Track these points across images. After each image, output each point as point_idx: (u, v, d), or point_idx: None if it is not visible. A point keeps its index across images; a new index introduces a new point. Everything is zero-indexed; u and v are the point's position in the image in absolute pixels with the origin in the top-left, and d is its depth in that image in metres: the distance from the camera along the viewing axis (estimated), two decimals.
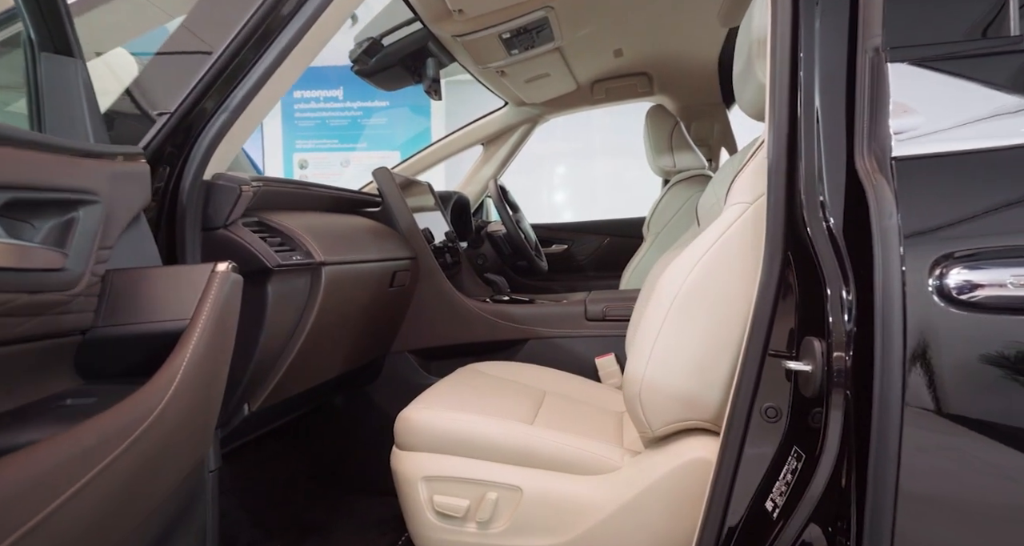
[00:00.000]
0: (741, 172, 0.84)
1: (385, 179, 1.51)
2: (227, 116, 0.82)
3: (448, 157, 2.26)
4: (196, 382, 0.58)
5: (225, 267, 0.63)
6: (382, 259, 1.29)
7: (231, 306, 0.64)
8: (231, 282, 0.64)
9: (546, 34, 1.54)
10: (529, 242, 1.94)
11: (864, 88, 0.62)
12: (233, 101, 0.82)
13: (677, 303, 0.84)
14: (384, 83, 1.60)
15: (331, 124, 4.87)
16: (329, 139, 4.89)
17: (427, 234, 1.56)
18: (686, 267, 0.84)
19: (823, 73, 0.66)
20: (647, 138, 1.79)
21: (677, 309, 0.84)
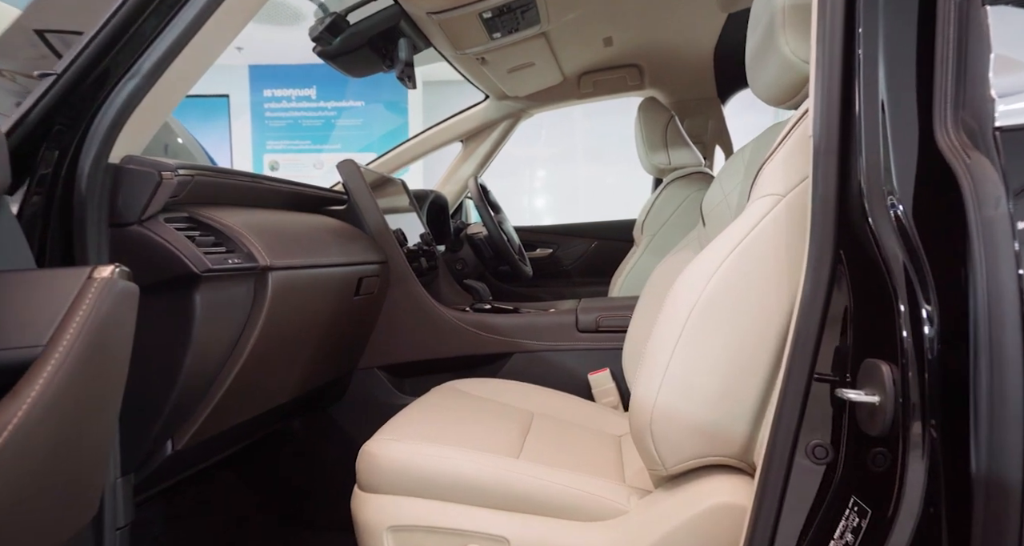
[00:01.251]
0: (770, 160, 0.71)
1: (351, 174, 1.35)
2: (138, 82, 0.65)
3: (425, 154, 2.10)
4: (54, 432, 0.41)
5: (109, 273, 0.46)
6: (346, 263, 1.12)
7: (118, 325, 0.47)
8: (118, 293, 0.47)
9: (532, 16, 1.39)
10: (512, 245, 1.79)
11: (948, 41, 0.49)
12: (145, 63, 0.65)
13: (696, 315, 0.69)
14: (351, 67, 1.43)
15: (304, 124, 4.67)
16: (301, 140, 4.68)
17: (399, 236, 1.39)
18: (705, 271, 0.70)
19: (889, 25, 0.53)
20: (639, 133, 1.66)
21: (696, 322, 0.69)
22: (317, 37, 1.26)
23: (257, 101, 4.56)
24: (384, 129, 4.57)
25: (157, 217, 0.74)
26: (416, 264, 1.45)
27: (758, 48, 0.84)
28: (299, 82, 4.54)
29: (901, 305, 0.50)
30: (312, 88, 4.54)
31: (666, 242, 1.52)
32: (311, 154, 4.72)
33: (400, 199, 1.60)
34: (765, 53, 0.80)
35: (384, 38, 1.34)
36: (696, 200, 1.50)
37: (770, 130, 0.96)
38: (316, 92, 4.56)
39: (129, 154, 0.71)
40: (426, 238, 1.61)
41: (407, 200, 1.65)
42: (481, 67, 1.67)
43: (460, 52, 1.53)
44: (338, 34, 1.29)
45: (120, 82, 0.65)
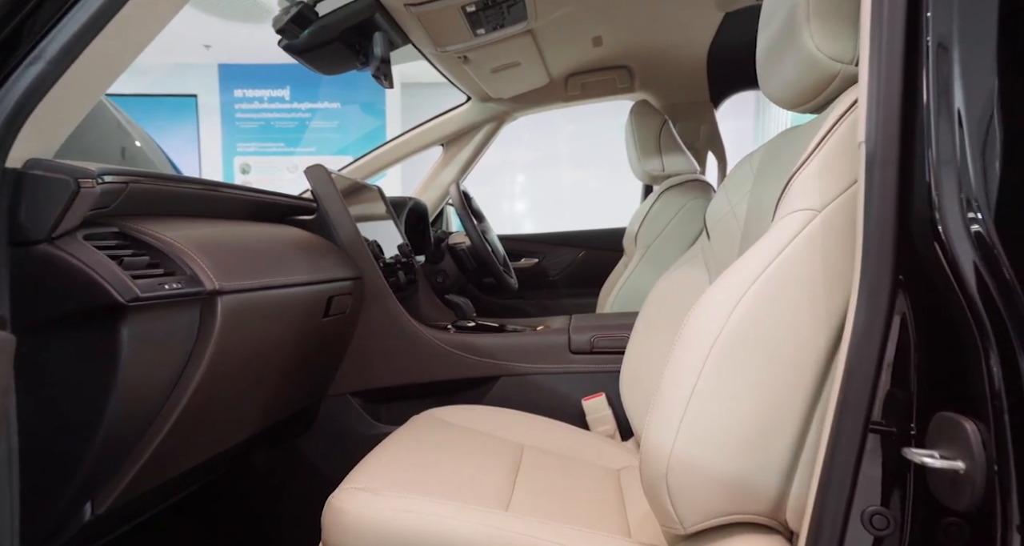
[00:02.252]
0: (803, 170, 0.61)
1: (321, 180, 1.22)
2: (42, 68, 0.53)
3: (403, 159, 1.98)
4: None
5: None
6: (314, 281, 1.00)
7: None
8: None
9: (518, 11, 1.29)
10: (497, 256, 1.68)
11: None
12: (51, 45, 0.53)
13: (718, 349, 0.59)
14: (321, 64, 1.31)
15: (276, 126, 4.49)
16: (274, 142, 4.50)
17: (375, 248, 1.27)
18: (728, 298, 0.60)
19: (967, 4, 0.44)
20: (631, 138, 1.57)
21: (718, 358, 0.59)
22: (282, 29, 1.13)
23: (227, 101, 4.38)
24: (361, 132, 4.42)
25: (74, 234, 0.61)
26: (393, 279, 1.33)
27: (773, 45, 0.75)
28: (271, 82, 4.37)
29: (989, 348, 0.41)
30: (285, 88, 4.38)
31: (662, 254, 1.43)
32: (284, 157, 4.54)
33: (376, 207, 1.48)
34: (783, 50, 0.71)
35: (358, 32, 1.22)
36: (693, 209, 1.41)
37: (784, 136, 0.87)
38: (289, 93, 4.39)
39: (35, 157, 0.58)
40: (404, 249, 1.49)
41: (383, 208, 1.53)
42: (463, 66, 1.57)
43: (441, 49, 1.42)
44: (305, 26, 1.17)
45: (18, 68, 0.52)
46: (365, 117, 4.44)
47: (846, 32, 0.64)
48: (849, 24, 0.64)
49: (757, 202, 0.87)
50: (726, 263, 0.95)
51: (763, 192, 0.83)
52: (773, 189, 0.79)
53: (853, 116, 0.58)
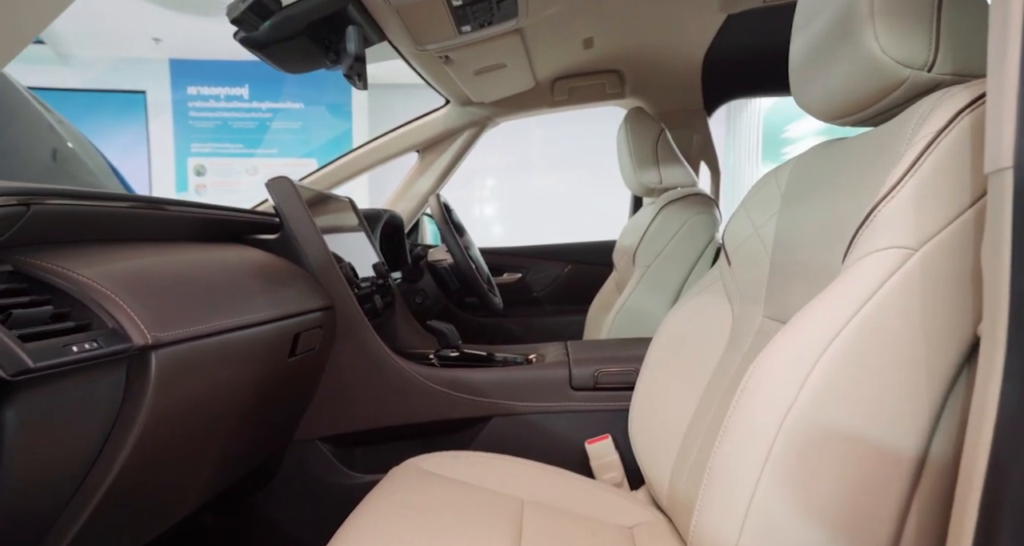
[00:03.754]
0: (891, 199, 0.50)
1: (285, 193, 1.06)
2: None
3: (374, 166, 1.82)
4: None
5: None
6: (277, 318, 0.84)
7: None
8: None
9: (509, 7, 1.16)
10: (481, 274, 1.55)
11: None
12: None
13: (791, 427, 0.48)
14: (284, 61, 1.15)
15: (234, 126, 4.22)
16: (232, 143, 4.23)
17: (349, 271, 1.12)
18: (800, 360, 0.48)
19: None
20: (626, 147, 1.47)
21: (791, 438, 0.48)
22: (238, 18, 0.97)
23: (180, 99, 4.09)
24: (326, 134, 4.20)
25: None
26: (369, 305, 1.18)
27: (818, 46, 0.64)
28: (228, 79, 4.10)
29: None
30: (244, 87, 4.12)
31: (663, 274, 1.32)
32: (244, 158, 4.28)
33: (348, 222, 1.33)
34: (831, 52, 0.61)
35: (328, 26, 1.07)
36: (696, 225, 1.31)
37: (821, 151, 0.76)
38: (248, 91, 4.14)
39: None
40: (381, 270, 1.34)
41: (356, 223, 1.37)
42: (444, 67, 1.43)
43: (420, 48, 1.28)
44: (266, 17, 1.01)
45: None
46: (331, 119, 4.22)
47: (920, 31, 0.54)
48: (923, 22, 0.54)
49: (792, 226, 0.76)
50: (753, 293, 0.84)
51: (803, 217, 0.73)
52: (820, 215, 0.68)
53: (955, 137, 0.48)
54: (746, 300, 0.85)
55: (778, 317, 0.74)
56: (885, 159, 0.57)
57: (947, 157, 0.47)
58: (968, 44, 0.54)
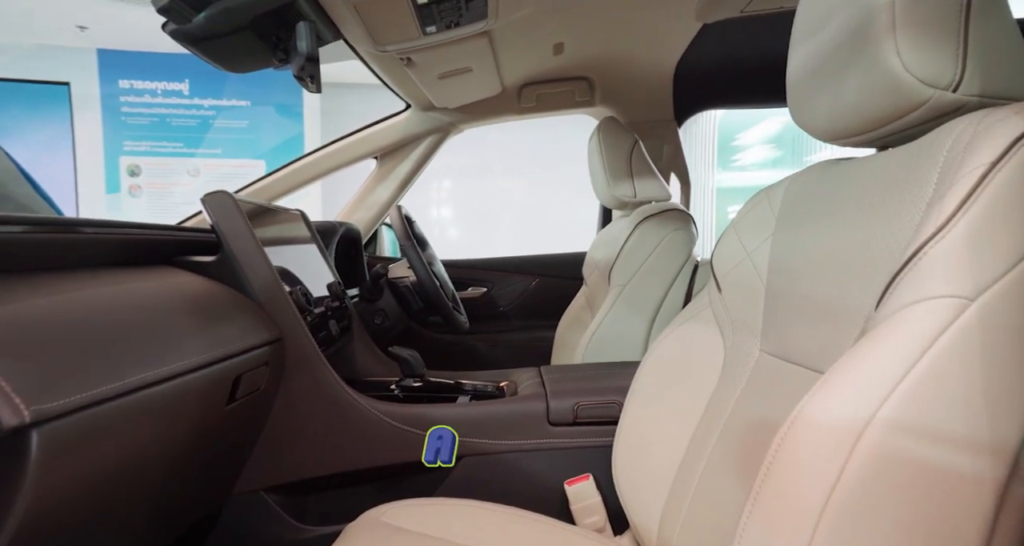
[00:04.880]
0: (938, 240, 0.44)
1: (224, 209, 0.93)
2: None
3: (329, 173, 1.69)
4: None
5: None
6: (213, 361, 0.72)
7: None
8: None
9: (479, 7, 1.07)
10: (446, 291, 1.45)
11: None
12: None
13: (838, 505, 0.41)
14: (224, 58, 1.01)
15: (173, 123, 3.93)
16: (171, 141, 3.93)
17: (300, 297, 1.00)
18: (847, 423, 0.42)
19: None
20: (599, 158, 1.40)
21: (839, 517, 0.41)
22: (166, 7, 0.83)
23: (110, 93, 3.76)
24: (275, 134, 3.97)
25: None
26: (324, 333, 1.06)
27: (825, 60, 0.59)
28: (166, 73, 3.80)
29: None
30: (184, 82, 3.83)
31: (640, 293, 1.26)
32: (184, 158, 3.99)
33: (299, 239, 1.20)
34: (842, 68, 0.55)
35: (276, 21, 0.94)
36: (673, 242, 1.26)
37: (821, 172, 0.71)
38: (189, 87, 3.85)
39: None
40: (337, 291, 1.22)
41: (309, 239, 1.24)
42: (405, 69, 1.32)
43: (380, 49, 1.17)
44: (202, 7, 0.87)
45: None
46: (280, 119, 3.98)
47: (946, 47, 0.48)
48: (949, 37, 0.48)
49: (790, 252, 0.71)
50: (747, 324, 0.78)
51: (803, 243, 0.67)
52: (826, 242, 0.62)
53: (1012, 170, 0.42)
54: (739, 330, 0.80)
55: (781, 354, 0.68)
56: (913, 188, 0.51)
57: (1004, 193, 0.41)
58: (997, 63, 0.49)
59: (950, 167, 0.47)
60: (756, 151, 4.48)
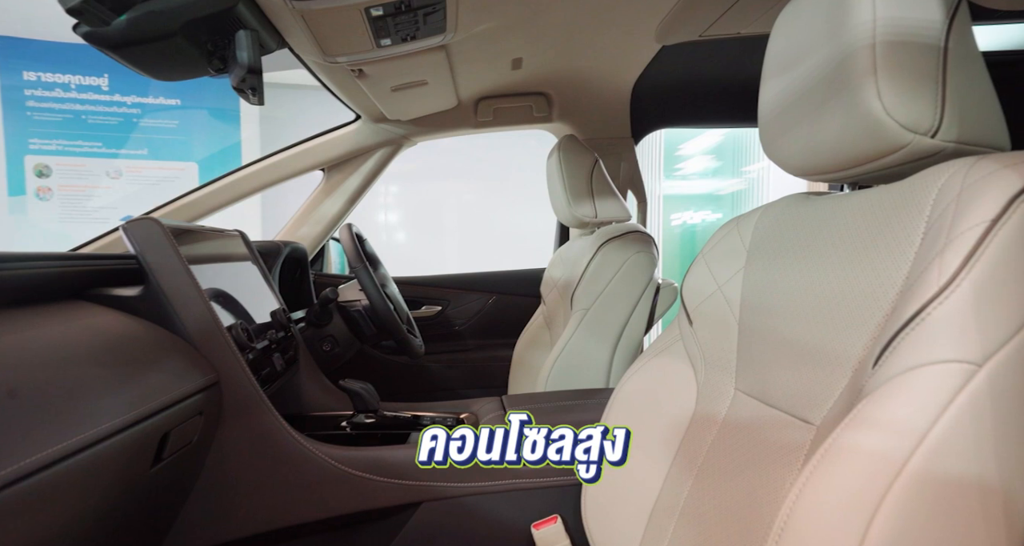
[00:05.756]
0: (942, 301, 0.42)
1: (149, 238, 0.82)
2: None
3: (272, 185, 1.57)
4: None
5: None
6: (133, 422, 0.62)
7: None
8: None
9: (437, 22, 1.01)
10: (400, 315, 1.37)
11: None
12: None
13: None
14: (149, 65, 0.90)
15: (90, 121, 3.59)
16: (88, 141, 3.59)
17: (241, 332, 0.90)
18: (855, 502, 0.40)
19: None
20: (559, 177, 1.37)
21: None
22: (77, 8, 0.72)
23: (12, 85, 3.38)
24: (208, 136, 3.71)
25: None
26: (268, 369, 0.97)
27: (798, 97, 0.58)
28: (81, 66, 3.47)
29: None
30: (103, 77, 3.50)
31: (603, 317, 1.24)
32: (104, 159, 3.65)
33: (239, 264, 1.09)
34: (819, 106, 0.55)
35: (211, 27, 0.85)
36: (635, 265, 1.25)
37: (788, 205, 0.70)
38: (108, 82, 3.53)
39: None
40: (281, 320, 1.12)
41: (250, 264, 1.13)
42: (356, 81, 1.24)
43: (330, 59, 1.08)
44: (122, 10, 0.77)
45: None
46: (213, 121, 3.72)
47: (926, 93, 0.48)
48: (928, 83, 0.48)
49: (763, 288, 0.69)
50: (720, 360, 0.76)
51: (777, 279, 0.66)
52: (802, 281, 0.61)
53: (1014, 227, 0.40)
54: (712, 366, 0.78)
55: (759, 395, 0.67)
56: (898, 236, 0.50)
57: (1007, 253, 0.40)
58: (972, 110, 0.50)
59: (941, 220, 0.46)
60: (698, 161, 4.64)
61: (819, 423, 0.55)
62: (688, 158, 4.60)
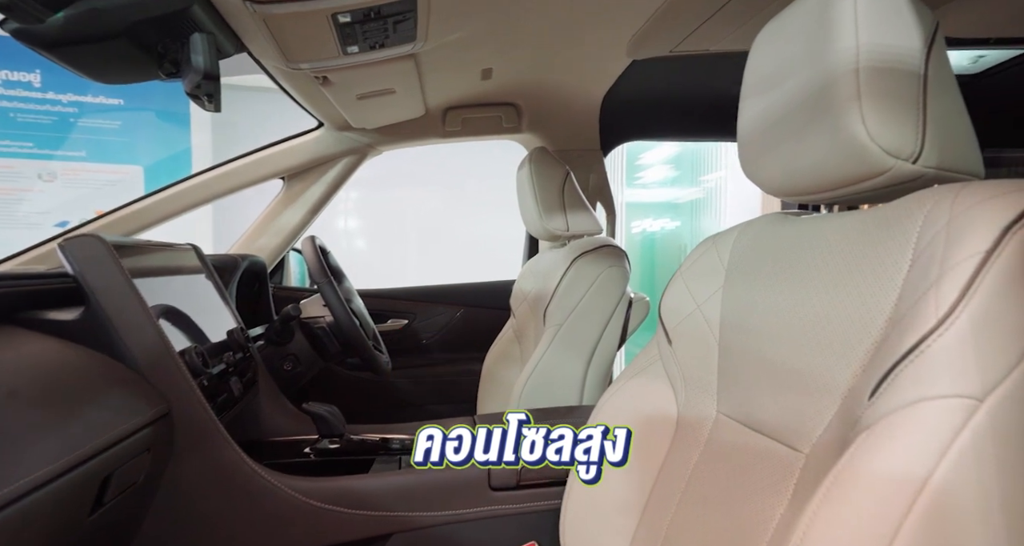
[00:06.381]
0: (940, 335, 0.42)
1: (88, 253, 0.75)
2: None
3: (227, 194, 1.49)
4: None
5: None
6: (68, 469, 0.55)
7: None
8: None
9: (407, 30, 0.98)
10: (366, 331, 1.32)
11: None
12: None
13: None
14: (91, 67, 0.82)
15: (20, 120, 3.33)
16: (17, 140, 3.33)
17: (194, 357, 0.83)
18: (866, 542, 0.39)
19: None
20: (530, 190, 1.35)
21: None
22: (5, 3, 0.65)
23: None
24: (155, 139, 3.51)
25: None
26: (225, 395, 0.90)
27: (780, 119, 0.58)
28: (13, 62, 3.22)
29: None
30: (34, 72, 3.26)
31: (577, 332, 1.22)
32: (36, 160, 3.39)
33: (192, 281, 1.01)
34: (801, 128, 0.55)
35: (161, 29, 0.78)
36: (609, 279, 1.24)
37: (768, 224, 0.70)
38: (41, 78, 3.29)
39: None
40: (239, 339, 1.04)
41: (205, 280, 1.06)
42: (320, 88, 1.18)
43: (293, 66, 1.03)
44: (58, 6, 0.69)
45: None
46: (160, 122, 3.52)
47: (908, 120, 0.49)
48: (910, 110, 0.49)
49: (743, 308, 0.69)
50: (701, 380, 0.76)
51: (758, 300, 0.65)
52: (784, 303, 0.61)
53: (1008, 260, 0.40)
54: (693, 387, 0.77)
55: (742, 419, 0.66)
56: (885, 262, 0.50)
57: (1004, 285, 0.40)
58: (950, 137, 0.51)
59: (931, 248, 0.46)
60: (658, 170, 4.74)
61: (808, 451, 0.55)
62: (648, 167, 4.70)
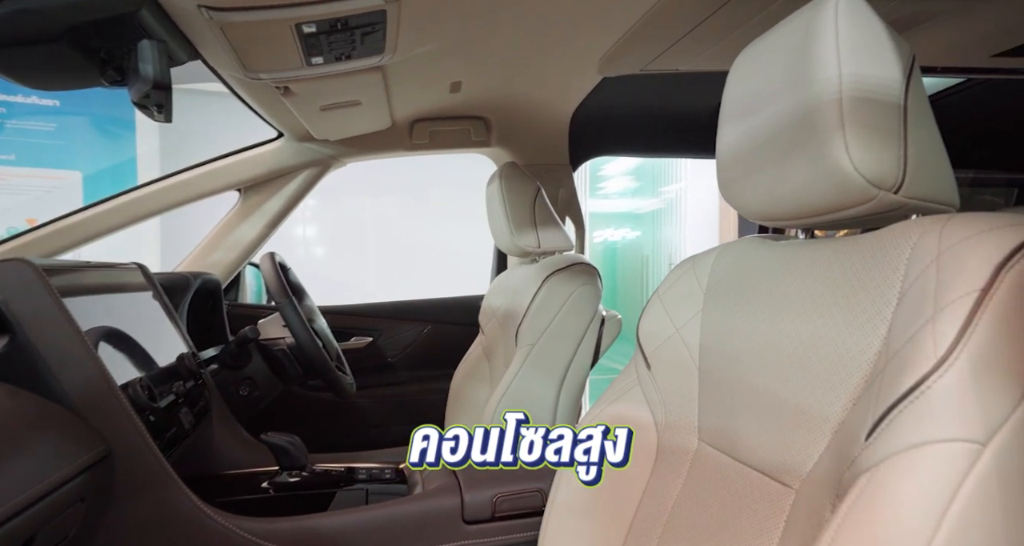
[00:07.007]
0: (941, 375, 0.41)
1: (14, 280, 0.67)
2: None
3: (178, 206, 1.40)
4: None
5: None
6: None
7: None
8: None
9: (375, 42, 0.94)
10: (330, 352, 1.25)
11: None
12: None
13: None
14: (23, 72, 0.75)
15: None
16: None
17: (139, 390, 0.76)
18: None
19: None
20: (500, 205, 1.33)
21: None
22: None
23: None
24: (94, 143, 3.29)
25: None
26: (175, 429, 0.83)
27: (761, 144, 0.58)
28: None
29: None
30: None
31: (549, 352, 1.20)
32: None
33: (137, 303, 0.93)
34: (784, 154, 0.55)
35: (105, 34, 0.72)
36: (581, 297, 1.22)
37: (746, 249, 0.70)
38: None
39: None
40: (190, 366, 0.97)
41: (152, 301, 0.98)
42: (281, 98, 1.12)
43: (252, 75, 0.97)
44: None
45: None
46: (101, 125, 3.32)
47: (890, 150, 0.49)
48: (892, 140, 0.49)
49: (723, 333, 0.68)
50: (680, 406, 0.74)
51: (739, 326, 0.65)
52: (767, 331, 0.60)
53: (1004, 297, 0.40)
54: (672, 413, 0.75)
55: (726, 450, 0.65)
56: (872, 295, 0.50)
57: (1002, 324, 0.39)
58: (929, 167, 0.51)
59: (921, 283, 0.45)
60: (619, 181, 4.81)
61: (798, 487, 0.54)
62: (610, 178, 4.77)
